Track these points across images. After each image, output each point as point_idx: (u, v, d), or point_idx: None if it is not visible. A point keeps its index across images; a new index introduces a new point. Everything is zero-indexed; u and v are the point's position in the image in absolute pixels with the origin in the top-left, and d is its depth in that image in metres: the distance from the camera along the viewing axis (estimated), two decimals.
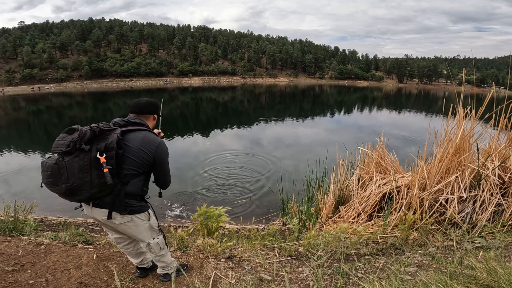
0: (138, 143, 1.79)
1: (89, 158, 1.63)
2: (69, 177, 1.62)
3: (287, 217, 4.18)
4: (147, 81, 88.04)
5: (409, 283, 1.79)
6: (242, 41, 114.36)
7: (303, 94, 57.37)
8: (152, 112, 2.03)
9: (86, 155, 1.63)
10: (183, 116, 25.71)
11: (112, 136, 1.69)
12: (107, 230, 2.05)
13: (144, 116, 1.98)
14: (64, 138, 1.66)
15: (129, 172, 1.77)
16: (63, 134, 1.69)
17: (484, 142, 3.38)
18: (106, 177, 1.64)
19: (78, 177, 1.63)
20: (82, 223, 4.07)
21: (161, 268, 2.19)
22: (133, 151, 1.77)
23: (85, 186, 1.65)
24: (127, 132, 1.79)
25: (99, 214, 1.81)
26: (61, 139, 1.66)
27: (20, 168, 9.10)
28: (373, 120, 23.52)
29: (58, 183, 1.63)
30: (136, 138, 1.80)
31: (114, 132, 1.71)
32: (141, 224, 1.92)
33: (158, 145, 1.86)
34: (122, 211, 1.80)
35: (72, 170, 1.62)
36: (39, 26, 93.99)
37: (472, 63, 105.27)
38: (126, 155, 1.75)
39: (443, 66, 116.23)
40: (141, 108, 1.98)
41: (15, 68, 77.49)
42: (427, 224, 2.99)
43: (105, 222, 1.84)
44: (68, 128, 1.69)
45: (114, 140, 1.67)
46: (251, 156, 10.33)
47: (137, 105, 1.98)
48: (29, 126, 21.69)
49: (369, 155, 4.22)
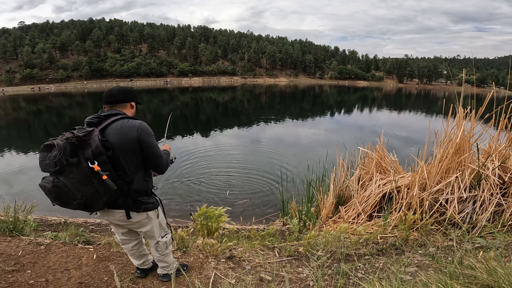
0: (118, 135, 1.68)
1: (82, 170, 1.56)
2: (75, 194, 1.59)
3: (287, 217, 4.17)
4: (147, 81, 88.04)
5: (409, 283, 1.79)
6: (242, 41, 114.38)
7: (303, 94, 57.37)
8: (127, 99, 1.86)
9: (78, 168, 1.56)
10: (183, 116, 25.72)
11: (94, 140, 1.59)
12: (116, 230, 2.02)
13: (120, 106, 1.83)
14: (46, 157, 1.58)
15: (128, 168, 1.73)
16: (42, 153, 1.60)
17: (484, 142, 3.38)
18: (108, 184, 1.60)
19: (83, 191, 1.59)
20: (82, 223, 4.07)
21: (161, 268, 2.19)
22: (119, 146, 1.68)
23: (94, 197, 1.63)
24: (105, 129, 1.68)
25: (117, 215, 1.82)
26: (44, 159, 1.58)
27: (20, 168, 9.09)
28: (373, 120, 23.52)
29: (68, 202, 1.62)
30: (115, 131, 1.69)
31: (93, 135, 1.61)
32: (155, 221, 1.95)
33: (139, 128, 1.73)
34: (138, 209, 1.81)
35: (74, 186, 1.57)
36: (39, 26, 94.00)
37: (472, 63, 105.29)
38: (116, 153, 1.67)
39: (443, 66, 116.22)
40: (114, 97, 1.82)
41: (15, 68, 77.51)
42: (427, 224, 2.99)
43: (123, 223, 1.85)
44: (43, 145, 1.60)
45: (98, 144, 1.58)
46: (251, 156, 10.33)
47: (109, 95, 1.83)
48: (29, 126, 21.69)
49: (369, 155, 4.22)
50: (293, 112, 29.05)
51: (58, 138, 1.61)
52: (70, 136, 1.58)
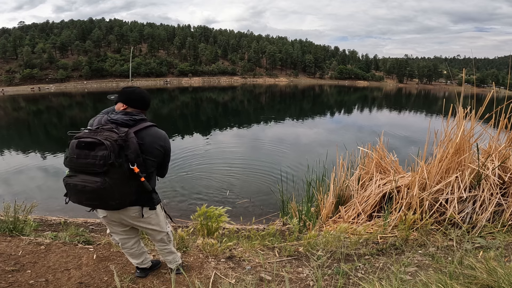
0: (151, 141, 1.77)
1: (124, 171, 1.61)
2: (115, 195, 1.63)
3: (287, 217, 4.17)
4: (147, 81, 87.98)
5: (409, 283, 1.79)
6: (242, 41, 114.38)
7: (303, 94, 57.36)
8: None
9: (120, 169, 1.60)
10: (183, 116, 25.71)
11: (132, 141, 1.65)
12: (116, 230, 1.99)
13: (145, 112, 1.95)
14: (88, 156, 1.54)
15: (151, 171, 1.82)
16: (83, 150, 1.55)
17: (484, 142, 3.38)
18: (145, 185, 1.71)
19: (121, 192, 1.64)
20: (82, 223, 4.07)
21: (171, 262, 2.23)
22: (150, 151, 1.77)
23: (126, 197, 1.69)
24: (138, 132, 1.75)
25: (130, 212, 1.85)
26: (86, 158, 1.54)
27: (20, 168, 9.09)
28: (373, 120, 23.53)
29: (106, 203, 1.66)
30: (148, 137, 1.77)
31: (130, 137, 1.66)
32: (161, 214, 2.02)
33: (166, 139, 1.88)
34: (152, 205, 1.88)
35: (116, 187, 1.61)
36: (39, 26, 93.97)
37: (472, 63, 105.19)
38: (147, 157, 1.76)
39: (443, 66, 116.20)
40: (147, 105, 1.92)
41: (15, 68, 77.47)
42: (427, 224, 2.99)
43: (132, 220, 1.89)
44: (85, 142, 1.56)
45: (137, 147, 1.66)
46: (251, 156, 10.33)
47: (144, 102, 1.89)
48: (29, 126, 21.68)
49: (369, 155, 4.22)
50: (293, 112, 29.05)
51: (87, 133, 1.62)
52: (114, 133, 1.61)
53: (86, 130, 1.66)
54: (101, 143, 1.54)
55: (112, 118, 1.74)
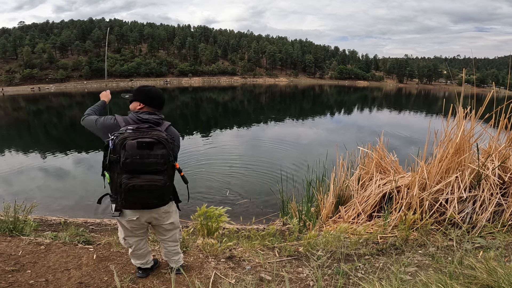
0: (175, 140, 1.86)
1: (172, 167, 1.78)
2: (170, 191, 1.81)
3: (287, 217, 4.18)
4: (147, 81, 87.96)
5: (409, 283, 1.79)
6: (242, 41, 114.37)
7: (303, 94, 57.36)
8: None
9: (171, 165, 1.74)
10: (183, 116, 25.71)
11: (176, 140, 1.83)
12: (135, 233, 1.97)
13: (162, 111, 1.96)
14: (150, 155, 1.61)
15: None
16: (144, 150, 1.60)
17: (484, 142, 3.38)
18: (184, 179, 1.88)
19: (172, 188, 1.85)
20: (82, 223, 4.07)
21: (175, 262, 2.24)
22: (174, 148, 1.84)
23: (171, 192, 1.87)
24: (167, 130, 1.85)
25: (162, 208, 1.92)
26: (148, 157, 1.60)
27: (20, 168, 9.09)
28: (373, 120, 23.54)
29: (164, 199, 1.80)
30: (173, 135, 1.86)
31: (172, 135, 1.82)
32: (175, 210, 2.10)
33: (179, 137, 1.99)
34: (178, 200, 2.02)
35: (171, 184, 1.78)
36: (39, 26, 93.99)
37: (472, 63, 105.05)
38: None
39: (443, 66, 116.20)
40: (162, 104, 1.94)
41: (15, 68, 77.49)
42: (427, 224, 2.99)
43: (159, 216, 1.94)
44: (146, 142, 1.61)
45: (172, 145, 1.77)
46: (251, 156, 10.33)
47: (160, 101, 1.90)
48: (29, 126, 21.68)
49: (369, 155, 4.22)
50: (293, 112, 29.05)
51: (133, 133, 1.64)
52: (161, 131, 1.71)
53: (129, 129, 1.67)
54: (160, 142, 1.64)
55: (142, 118, 1.76)
